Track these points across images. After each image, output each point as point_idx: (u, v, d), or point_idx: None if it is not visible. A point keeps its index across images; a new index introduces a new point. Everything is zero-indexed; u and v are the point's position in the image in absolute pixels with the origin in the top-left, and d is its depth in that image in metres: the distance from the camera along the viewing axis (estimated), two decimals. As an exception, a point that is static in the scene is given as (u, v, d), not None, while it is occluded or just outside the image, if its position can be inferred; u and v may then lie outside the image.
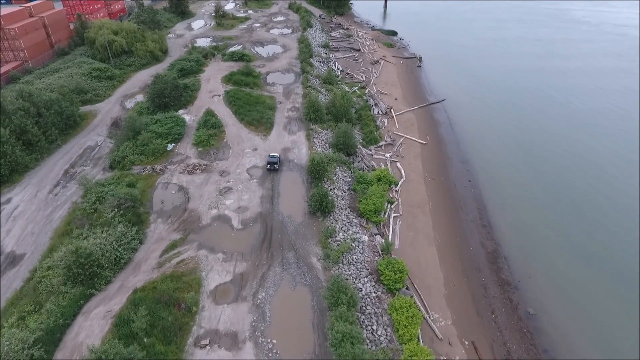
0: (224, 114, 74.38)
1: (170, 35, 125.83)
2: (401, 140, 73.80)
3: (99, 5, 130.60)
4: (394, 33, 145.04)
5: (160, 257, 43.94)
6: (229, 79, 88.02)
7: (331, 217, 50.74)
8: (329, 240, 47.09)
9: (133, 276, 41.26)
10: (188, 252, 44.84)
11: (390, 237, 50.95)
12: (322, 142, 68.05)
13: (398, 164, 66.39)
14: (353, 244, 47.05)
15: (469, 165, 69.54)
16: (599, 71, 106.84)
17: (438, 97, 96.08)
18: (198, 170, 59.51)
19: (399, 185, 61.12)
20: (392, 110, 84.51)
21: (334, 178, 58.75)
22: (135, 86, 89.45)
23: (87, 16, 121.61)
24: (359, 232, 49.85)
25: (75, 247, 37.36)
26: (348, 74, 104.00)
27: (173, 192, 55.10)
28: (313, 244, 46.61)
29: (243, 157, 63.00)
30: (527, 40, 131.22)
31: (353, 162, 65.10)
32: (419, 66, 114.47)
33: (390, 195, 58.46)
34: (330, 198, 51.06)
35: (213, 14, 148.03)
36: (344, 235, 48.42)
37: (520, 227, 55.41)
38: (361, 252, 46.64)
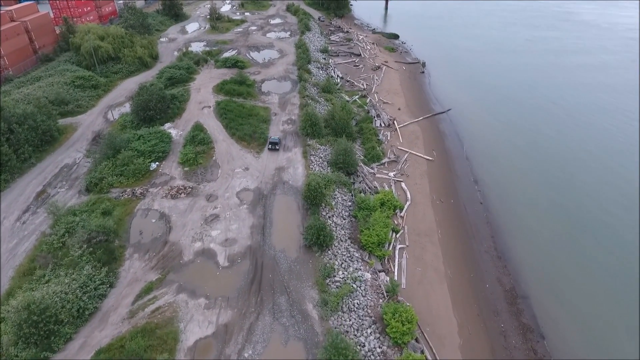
0: (214, 128, 68.74)
1: (162, 39, 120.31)
2: (405, 156, 68.16)
3: (89, 8, 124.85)
4: (396, 36, 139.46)
5: (132, 304, 38.28)
6: (220, 88, 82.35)
7: (329, 252, 45.11)
8: (327, 281, 41.46)
9: (99, 330, 35.61)
10: (165, 296, 39.19)
11: (395, 274, 45.30)
12: (320, 160, 62.43)
13: (403, 185, 60.77)
14: (354, 285, 41.43)
15: (480, 184, 63.93)
16: (614, 78, 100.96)
17: (443, 106, 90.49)
18: (182, 194, 53.86)
19: (405, 210, 55.49)
20: (395, 122, 78.85)
21: (333, 203, 53.13)
22: (121, 95, 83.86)
23: (75, 19, 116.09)
24: (360, 269, 44.23)
25: (27, 302, 31.71)
26: (348, 81, 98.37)
27: (153, 220, 49.46)
28: (309, 286, 40.96)
29: (233, 178, 57.36)
30: (536, 44, 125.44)
31: (354, 183, 59.45)
32: (423, 72, 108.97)
33: (395, 223, 52.85)
34: (328, 230, 45.44)
35: (208, 17, 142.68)
36: (343, 273, 42.78)
37: (539, 259, 49.76)
38: (363, 294, 41.02)
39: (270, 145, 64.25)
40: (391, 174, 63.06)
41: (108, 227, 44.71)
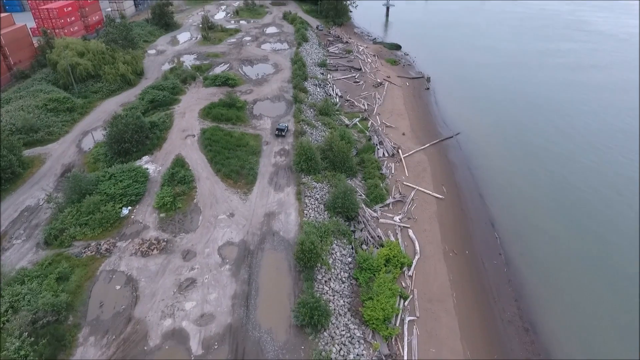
0: (197, 162, 61.19)
1: (150, 52, 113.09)
2: (412, 194, 60.62)
3: (73, 18, 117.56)
4: (398, 47, 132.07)
5: (78, 418, 30.73)
6: (207, 112, 74.74)
7: (325, 334, 37.55)
8: (322, 377, 33.94)
9: None
10: (121, 403, 31.65)
11: (405, 357, 37.72)
12: (316, 202, 54.88)
13: (410, 232, 53.25)
14: (355, 381, 33.90)
15: (497, 228, 56.42)
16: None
17: (451, 128, 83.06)
18: (155, 250, 46.28)
19: (413, 266, 47.92)
20: (399, 151, 71.30)
21: (330, 261, 45.59)
22: (99, 119, 76.37)
23: (57, 31, 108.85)
24: (363, 354, 36.68)
25: None
26: (348, 100, 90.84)
27: (118, 287, 41.91)
28: (299, 386, 33.44)
29: (215, 227, 49.80)
30: (551, 56, 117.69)
31: (354, 232, 51.95)
32: (427, 88, 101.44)
33: (403, 285, 45.30)
34: (323, 307, 37.80)
35: (200, 26, 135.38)
36: (342, 364, 35.24)
37: (574, 332, 42.20)
38: (367, 393, 33.48)
39: (277, 132, 68.89)
40: (397, 218, 55.50)
41: (59, 304, 37.18)
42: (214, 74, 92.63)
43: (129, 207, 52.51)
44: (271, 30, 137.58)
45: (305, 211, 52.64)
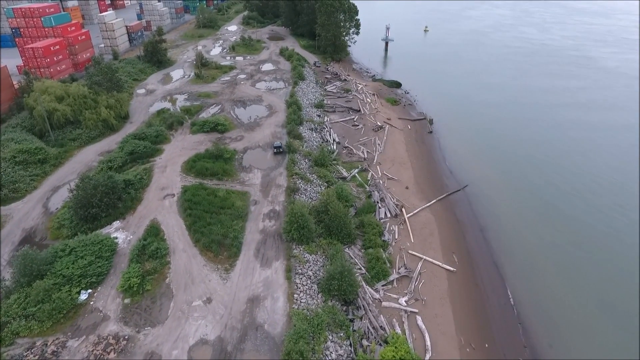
0: (174, 230, 53.85)
1: (139, 91, 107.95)
2: (419, 266, 52.95)
3: (61, 57, 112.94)
4: (398, 85, 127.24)
5: None
6: (191, 165, 67.97)
7: None
8: None
9: None
10: None
11: None
12: (309, 281, 47.23)
13: (419, 320, 45.28)
14: None
15: (520, 310, 48.55)
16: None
17: (458, 179, 76.30)
18: (112, 353, 38.31)
19: (424, 370, 39.85)
20: (403, 210, 64.07)
21: (324, 367, 37.58)
22: (74, 171, 69.66)
23: (42, 70, 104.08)
24: None
25: None
26: (346, 147, 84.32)
27: (59, 410, 33.76)
28: None
29: (188, 318, 41.97)
30: (561, 95, 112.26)
31: (353, 320, 44.00)
32: (431, 132, 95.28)
33: (413, 399, 37.12)
34: None
35: (194, 62, 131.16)
36: None
37: None
38: None
39: (275, 149, 74.09)
40: (402, 300, 47.63)
41: None
42: (203, 119, 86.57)
43: (89, 291, 44.81)
44: (267, 67, 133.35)
45: (295, 294, 44.93)
